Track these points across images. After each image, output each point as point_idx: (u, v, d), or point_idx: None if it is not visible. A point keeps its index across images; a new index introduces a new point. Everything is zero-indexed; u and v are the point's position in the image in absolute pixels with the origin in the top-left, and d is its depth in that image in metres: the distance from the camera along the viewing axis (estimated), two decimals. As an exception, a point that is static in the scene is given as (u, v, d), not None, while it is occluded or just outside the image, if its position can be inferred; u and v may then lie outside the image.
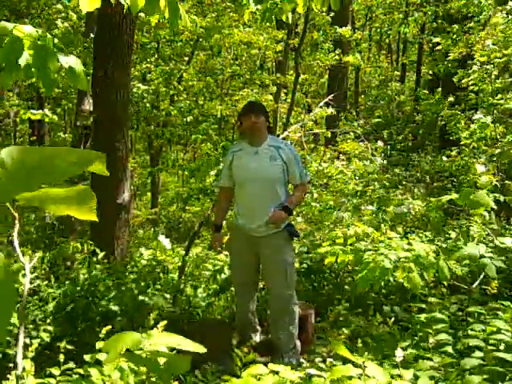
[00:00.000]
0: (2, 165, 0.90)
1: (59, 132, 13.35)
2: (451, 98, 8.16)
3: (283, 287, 3.27)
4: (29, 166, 0.92)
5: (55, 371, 2.32)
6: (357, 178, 6.62)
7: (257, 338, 3.53)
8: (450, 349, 2.48)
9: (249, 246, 3.35)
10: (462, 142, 6.46)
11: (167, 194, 13.59)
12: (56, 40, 1.75)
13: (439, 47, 7.95)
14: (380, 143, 8.22)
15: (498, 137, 5.84)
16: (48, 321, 3.34)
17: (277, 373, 1.74)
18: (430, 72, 8.00)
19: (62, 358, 2.35)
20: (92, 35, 6.48)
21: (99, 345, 2.32)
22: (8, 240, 5.48)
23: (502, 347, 2.25)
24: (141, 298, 3.83)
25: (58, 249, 4.52)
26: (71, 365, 2.36)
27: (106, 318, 3.50)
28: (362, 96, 17.58)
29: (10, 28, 1.71)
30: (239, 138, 3.61)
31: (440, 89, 10.04)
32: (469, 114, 7.05)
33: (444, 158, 7.01)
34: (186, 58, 11.23)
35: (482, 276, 3.02)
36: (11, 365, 2.62)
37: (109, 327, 2.43)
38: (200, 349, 1.44)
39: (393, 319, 3.16)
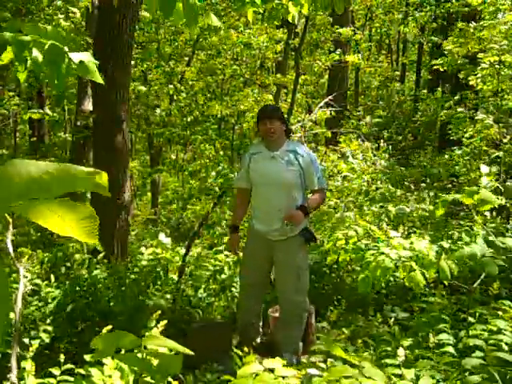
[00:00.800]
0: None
1: (59, 132, 13.32)
2: (457, 97, 8.10)
3: (294, 292, 3.25)
4: (23, 182, 0.88)
5: (55, 371, 2.31)
6: (364, 177, 6.60)
7: (258, 339, 3.52)
8: (450, 349, 2.47)
9: (263, 248, 3.33)
10: (464, 142, 6.44)
11: (167, 194, 13.56)
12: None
13: (451, 47, 7.87)
14: (381, 143, 8.21)
15: (499, 136, 5.82)
16: (48, 321, 3.33)
17: (272, 371, 1.71)
18: (441, 69, 7.92)
19: (62, 358, 2.35)
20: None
21: (99, 345, 2.31)
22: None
23: (506, 347, 2.25)
24: (141, 298, 3.83)
25: (57, 249, 4.50)
26: (71, 365, 2.35)
27: (106, 317, 3.50)
28: (362, 96, 17.56)
29: (21, 25, 1.71)
30: (254, 141, 3.55)
31: (439, 88, 10.03)
32: (469, 114, 7.02)
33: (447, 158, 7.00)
34: (186, 58, 11.23)
35: (482, 276, 3.01)
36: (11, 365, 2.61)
37: (109, 327, 2.42)
38: (188, 351, 1.43)
39: (393, 319, 3.16)
